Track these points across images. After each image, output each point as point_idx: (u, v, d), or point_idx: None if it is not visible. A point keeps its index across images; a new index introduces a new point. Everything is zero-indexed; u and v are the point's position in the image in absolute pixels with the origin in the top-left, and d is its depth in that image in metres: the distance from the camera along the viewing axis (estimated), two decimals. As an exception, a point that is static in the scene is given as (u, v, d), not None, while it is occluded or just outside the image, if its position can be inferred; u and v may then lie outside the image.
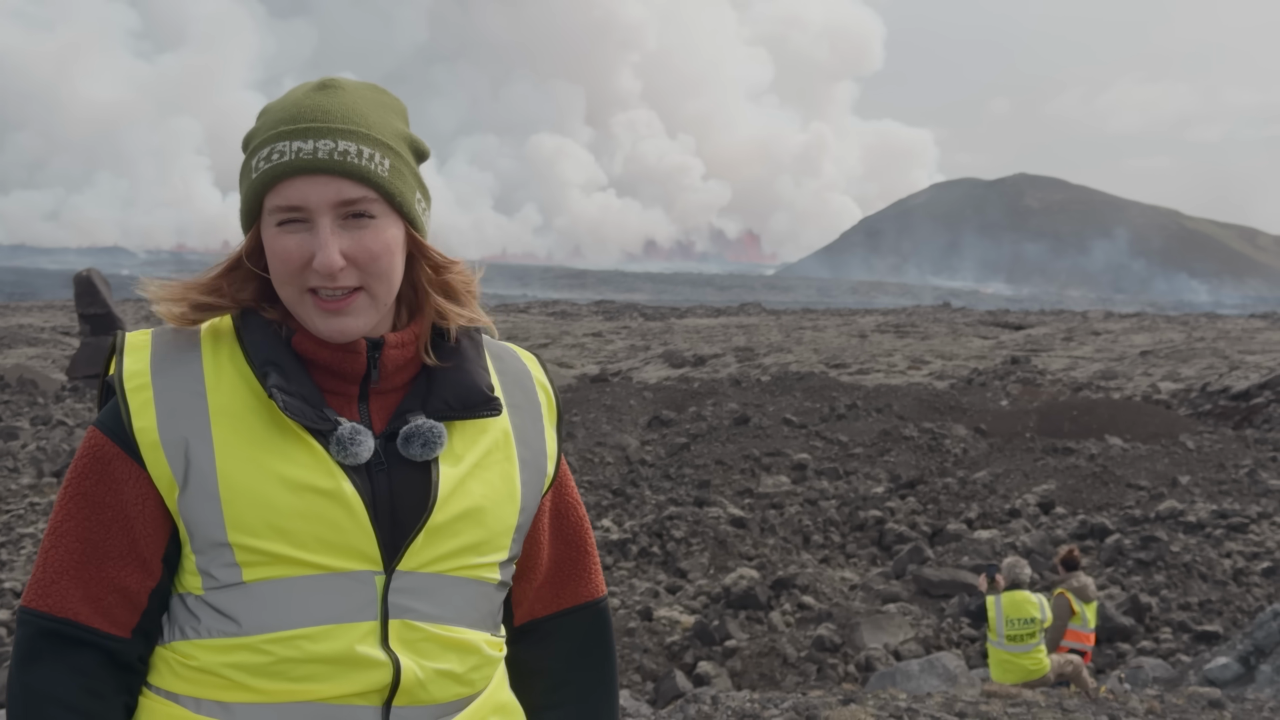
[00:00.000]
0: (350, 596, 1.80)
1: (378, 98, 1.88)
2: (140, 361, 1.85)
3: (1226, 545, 16.36)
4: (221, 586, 1.80)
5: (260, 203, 1.82)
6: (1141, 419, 25.10)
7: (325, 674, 1.78)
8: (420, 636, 1.84)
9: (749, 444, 24.22)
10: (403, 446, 1.84)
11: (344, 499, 1.79)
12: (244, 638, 1.78)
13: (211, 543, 1.78)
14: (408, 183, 1.86)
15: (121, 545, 1.80)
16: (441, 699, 1.87)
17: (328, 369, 1.86)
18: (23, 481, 21.68)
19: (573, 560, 2.13)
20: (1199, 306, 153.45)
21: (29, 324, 57.84)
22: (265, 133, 1.82)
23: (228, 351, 1.87)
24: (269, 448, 1.79)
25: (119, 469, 1.80)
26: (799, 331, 55.36)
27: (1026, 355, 43.00)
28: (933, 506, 19.67)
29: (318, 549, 1.78)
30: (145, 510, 1.80)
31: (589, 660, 2.15)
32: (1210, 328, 52.72)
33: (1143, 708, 7.75)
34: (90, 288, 34.98)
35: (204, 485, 1.77)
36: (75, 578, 1.80)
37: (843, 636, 13.62)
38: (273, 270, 1.83)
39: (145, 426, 1.79)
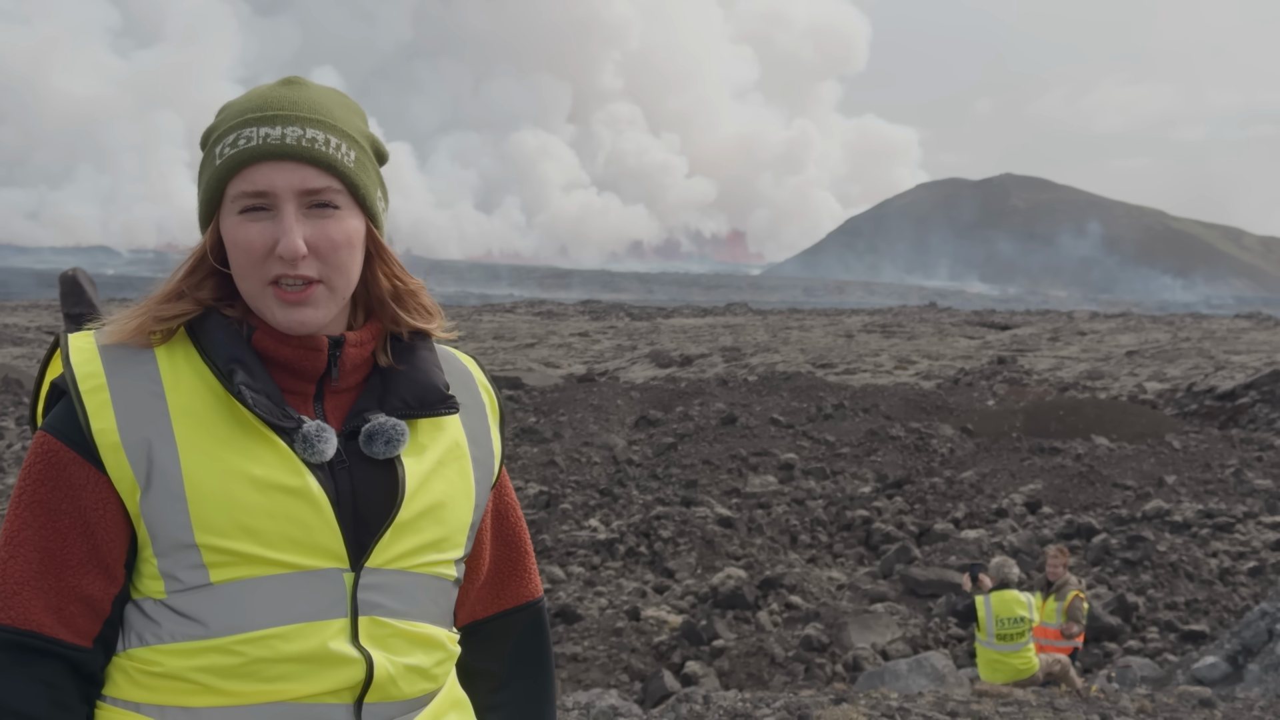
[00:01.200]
0: (320, 594, 1.78)
1: (340, 98, 1.89)
2: (92, 364, 1.80)
3: (1213, 545, 16.41)
4: (187, 589, 1.76)
5: (222, 192, 1.80)
6: (1128, 419, 25.17)
7: (298, 673, 1.77)
8: (389, 632, 1.84)
9: (736, 444, 24.23)
10: (365, 444, 1.83)
11: (311, 497, 1.78)
12: (212, 639, 1.75)
13: (177, 544, 1.75)
14: (371, 178, 1.86)
15: (81, 552, 1.76)
16: (410, 694, 1.87)
17: (287, 367, 1.84)
18: (8, 481, 21.59)
19: (512, 561, 2.14)
20: (1185, 306, 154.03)
21: (13, 324, 57.64)
22: (230, 122, 1.81)
23: (183, 352, 1.84)
24: (233, 446, 1.77)
25: (75, 473, 1.76)
26: (785, 331, 55.42)
27: (1013, 355, 43.10)
28: (920, 506, 19.69)
29: (286, 547, 1.77)
30: (106, 515, 1.77)
31: (530, 661, 2.17)
32: (1196, 328, 52.91)
33: (1134, 707, 7.76)
34: (76, 287, 34.70)
35: (168, 486, 1.74)
36: (36, 588, 1.75)
37: (830, 636, 13.63)
38: (234, 261, 1.81)
39: (104, 428, 1.75)
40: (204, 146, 1.86)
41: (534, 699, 2.16)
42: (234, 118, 1.81)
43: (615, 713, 8.11)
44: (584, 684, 12.77)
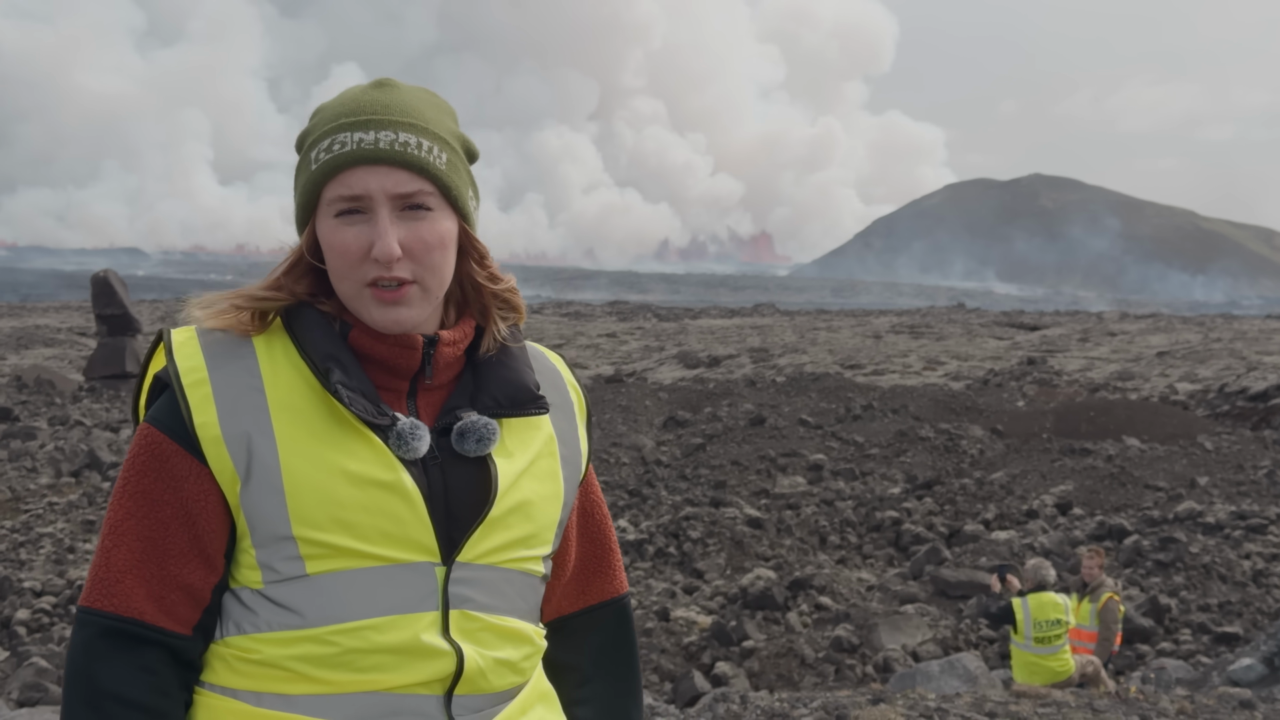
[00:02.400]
0: (413, 588, 1.82)
1: (431, 99, 1.92)
2: (194, 357, 1.84)
3: (1246, 546, 16.29)
4: (284, 580, 1.81)
5: (319, 195, 1.83)
6: (1159, 420, 25.01)
7: (391, 664, 1.80)
8: (479, 626, 1.87)
9: (765, 444, 24.19)
10: (457, 442, 1.87)
11: (404, 492, 1.82)
12: (309, 630, 1.79)
13: (274, 536, 1.80)
14: (462, 178, 1.89)
15: (183, 542, 1.81)
16: (499, 687, 1.91)
17: (382, 364, 1.88)
18: (41, 481, 21.75)
19: (598, 557, 2.18)
20: (1217, 308, 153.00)
21: (46, 324, 58.06)
22: (324, 126, 1.84)
23: (280, 347, 1.88)
24: (329, 442, 1.81)
25: (178, 465, 1.81)
26: (813, 332, 55.31)
27: (1043, 356, 42.90)
28: (950, 507, 19.62)
29: (380, 541, 1.80)
30: (207, 506, 1.81)
31: (615, 656, 2.20)
32: (1227, 328, 52.55)
33: (1174, 708, 7.71)
34: (107, 288, 35.07)
35: (267, 479, 1.79)
36: (139, 576, 1.80)
37: (860, 637, 13.59)
38: (330, 263, 1.85)
39: (206, 422, 1.79)
40: (299, 150, 1.89)
41: (620, 693, 2.20)
42: (328, 122, 1.84)
43: (652, 712, 8.12)
44: (614, 684, 12.76)
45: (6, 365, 42.39)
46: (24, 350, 47.73)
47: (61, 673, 12.36)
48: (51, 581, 15.56)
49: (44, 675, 12.07)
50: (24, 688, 11.75)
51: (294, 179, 1.90)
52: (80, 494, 20.49)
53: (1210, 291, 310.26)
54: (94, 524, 18.63)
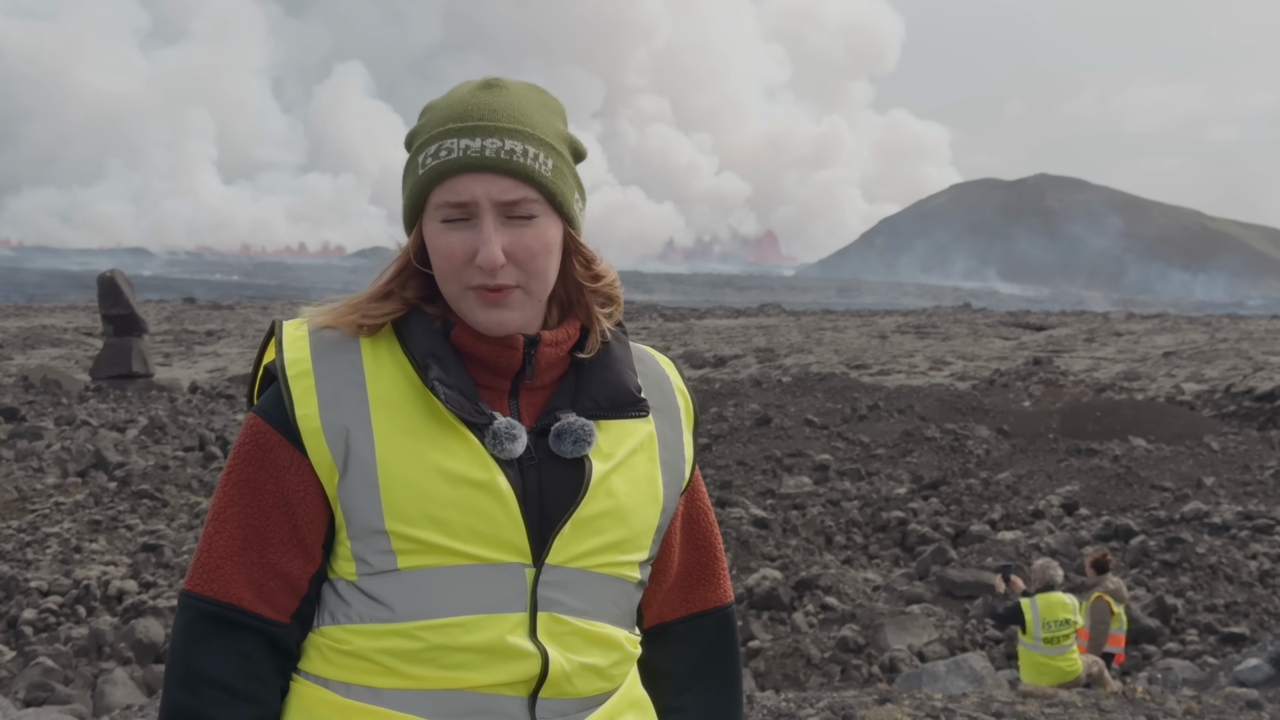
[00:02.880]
0: (501, 587, 1.83)
1: (539, 98, 1.92)
2: (301, 350, 1.88)
3: (1252, 547, 16.26)
4: (376, 573, 1.83)
5: (425, 199, 1.85)
6: (1165, 420, 24.99)
7: (476, 662, 1.81)
8: (567, 630, 1.87)
9: (770, 445, 24.20)
10: (554, 443, 1.87)
11: (498, 491, 1.82)
12: (397, 624, 1.81)
13: (368, 529, 1.82)
14: (568, 183, 1.89)
15: (283, 531, 1.84)
16: (585, 692, 1.90)
17: (484, 363, 1.89)
18: (47, 481, 21.78)
19: (702, 565, 2.15)
20: (1222, 307, 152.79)
21: (52, 325, 58.18)
22: (431, 130, 1.86)
23: (386, 344, 1.90)
24: (426, 439, 1.83)
25: (280, 455, 1.84)
26: (819, 332, 55.32)
27: (1048, 356, 42.88)
28: (955, 507, 19.60)
29: (471, 540, 1.82)
30: (307, 496, 1.84)
31: (717, 664, 2.17)
32: (1233, 328, 52.51)
33: (1180, 708, 7.70)
34: (113, 289, 35.13)
35: (363, 473, 1.81)
36: (239, 563, 1.84)
37: (866, 638, 13.58)
38: (436, 267, 1.86)
39: (307, 413, 1.83)
40: (408, 149, 1.91)
41: (719, 703, 2.16)
42: (436, 125, 1.85)
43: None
44: (620, 684, 12.76)
45: (13, 365, 42.48)
46: (30, 350, 47.82)
47: (67, 673, 12.39)
48: (58, 581, 15.57)
49: (50, 675, 12.08)
50: (30, 687, 11.76)
51: (402, 179, 1.91)
52: (86, 494, 20.52)
53: (1216, 291, 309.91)
54: (100, 524, 18.65)
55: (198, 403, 32.52)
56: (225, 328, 60.34)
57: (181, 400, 32.81)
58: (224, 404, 32.38)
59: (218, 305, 78.04)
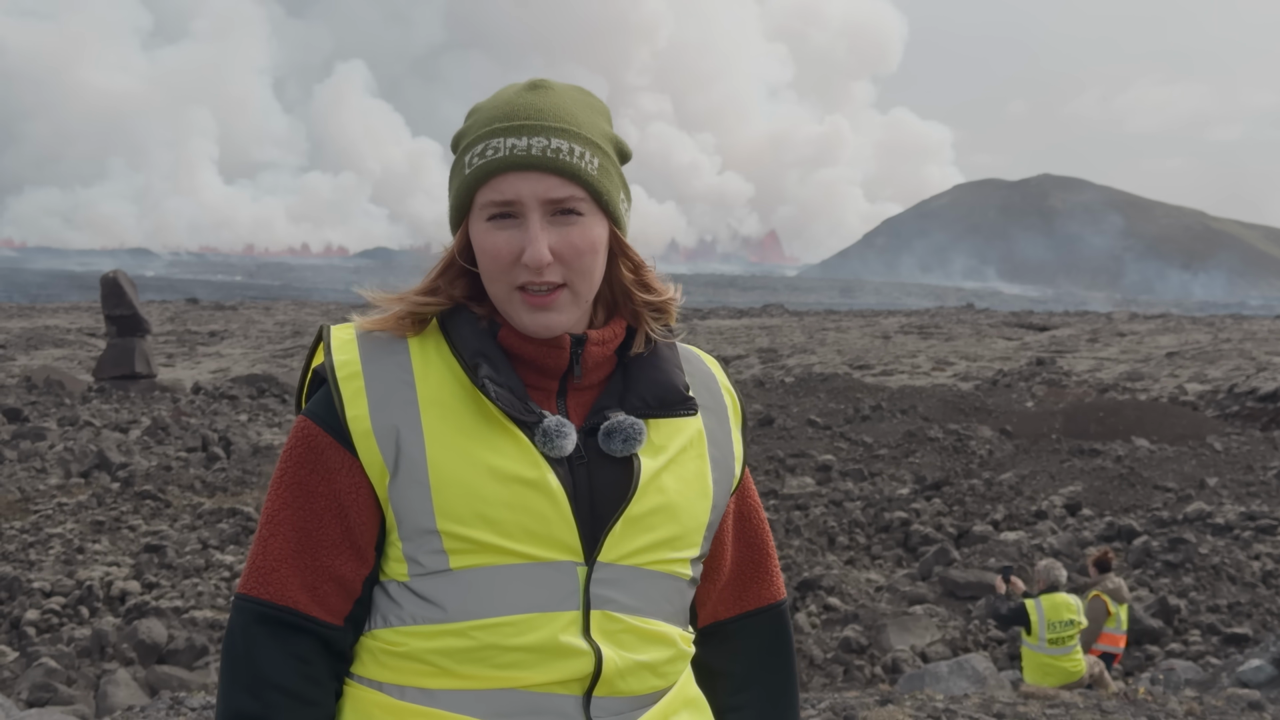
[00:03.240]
0: (554, 586, 1.83)
1: (585, 99, 1.93)
2: (349, 352, 1.89)
3: (1255, 547, 16.25)
4: (428, 573, 1.83)
5: (472, 198, 1.86)
6: (1168, 420, 24.98)
7: (530, 661, 1.82)
8: (620, 628, 1.87)
9: (773, 445, 24.20)
10: (603, 441, 1.88)
11: (548, 490, 1.83)
12: (450, 624, 1.82)
13: (420, 530, 1.82)
14: (614, 182, 1.90)
15: (336, 533, 1.85)
16: (639, 691, 1.90)
17: (531, 363, 1.90)
18: (50, 482, 21.80)
19: (755, 563, 2.16)
20: (1225, 308, 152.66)
21: (55, 325, 58.21)
22: (478, 130, 1.86)
23: (434, 344, 1.92)
24: (476, 438, 1.83)
25: (332, 457, 1.85)
26: (822, 333, 55.31)
27: (1051, 356, 42.86)
28: (958, 508, 19.59)
29: (523, 539, 1.82)
30: (359, 498, 1.85)
31: (772, 662, 2.17)
32: (1236, 329, 52.46)
33: (1182, 709, 7.69)
34: (116, 289, 35.15)
35: (414, 473, 1.82)
36: (294, 566, 1.85)
37: (869, 638, 13.58)
38: (482, 266, 1.87)
39: (357, 415, 1.83)
40: (455, 150, 1.92)
41: (775, 701, 2.16)
42: (482, 125, 1.86)
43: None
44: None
45: (16, 366, 42.52)
46: (33, 351, 47.86)
47: (70, 674, 12.39)
48: (61, 582, 15.58)
49: (53, 675, 12.08)
50: (33, 688, 11.77)
51: (448, 180, 1.92)
52: (89, 494, 20.53)
53: (1220, 292, 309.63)
54: (103, 524, 18.66)
55: (201, 403, 32.54)
56: (228, 328, 60.37)
57: (184, 401, 32.83)
58: (227, 405, 32.39)
59: (221, 306, 78.06)
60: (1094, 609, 11.06)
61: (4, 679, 12.52)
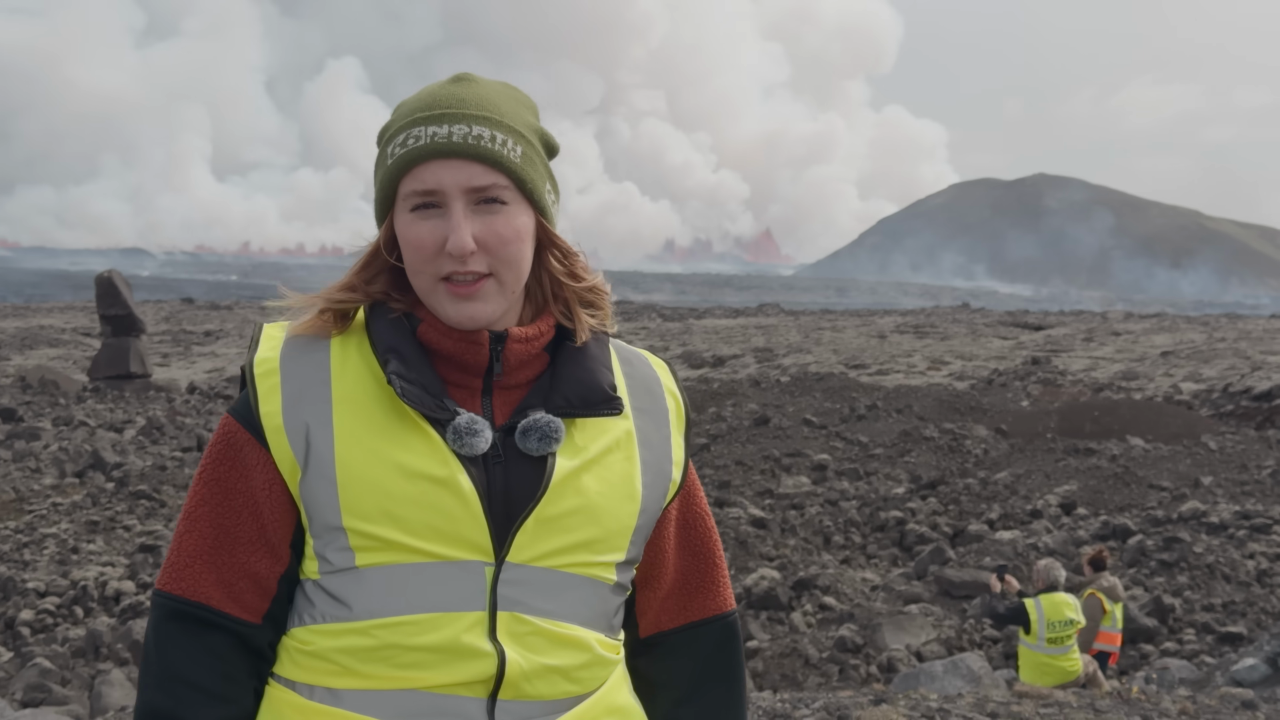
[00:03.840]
0: (459, 585, 1.80)
1: (510, 92, 1.92)
2: (271, 350, 1.89)
3: (1250, 546, 16.27)
4: (336, 571, 1.82)
5: (395, 189, 1.84)
6: (1163, 419, 24.99)
7: (431, 662, 1.78)
8: (528, 630, 1.83)
9: (769, 444, 24.20)
10: (520, 440, 1.84)
11: (458, 488, 1.80)
12: (354, 622, 1.80)
13: (327, 526, 1.81)
14: (539, 171, 1.88)
15: (251, 531, 1.84)
16: (548, 695, 1.85)
17: (451, 360, 1.87)
18: (45, 482, 21.77)
19: (701, 572, 2.09)
20: (1221, 307, 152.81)
21: (50, 325, 58.13)
22: (401, 121, 1.85)
23: (355, 342, 1.90)
24: (387, 435, 1.81)
25: (249, 454, 1.84)
26: (818, 332, 55.30)
27: (1047, 356, 42.88)
28: (954, 507, 19.61)
29: (430, 537, 1.79)
30: (273, 495, 1.84)
31: (718, 676, 2.10)
32: (1231, 328, 52.50)
33: (1175, 709, 7.70)
34: (111, 289, 35.11)
35: (322, 469, 1.80)
36: (208, 562, 1.83)
37: (864, 637, 13.59)
38: (406, 258, 1.85)
39: (270, 411, 1.83)
40: (379, 145, 1.90)
41: (722, 715, 2.09)
42: (404, 117, 1.85)
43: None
44: (618, 684, 12.77)
45: (11, 366, 42.46)
46: (28, 350, 47.79)
47: (64, 674, 12.38)
48: (55, 582, 15.57)
49: (47, 676, 12.07)
50: (27, 688, 11.76)
51: (373, 174, 1.90)
52: (84, 494, 20.51)
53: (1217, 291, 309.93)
54: (97, 524, 18.65)
55: (195, 403, 32.51)
56: (223, 328, 60.30)
57: (179, 401, 32.81)
58: (222, 404, 32.36)
59: (216, 306, 78.00)
60: (1090, 608, 11.07)
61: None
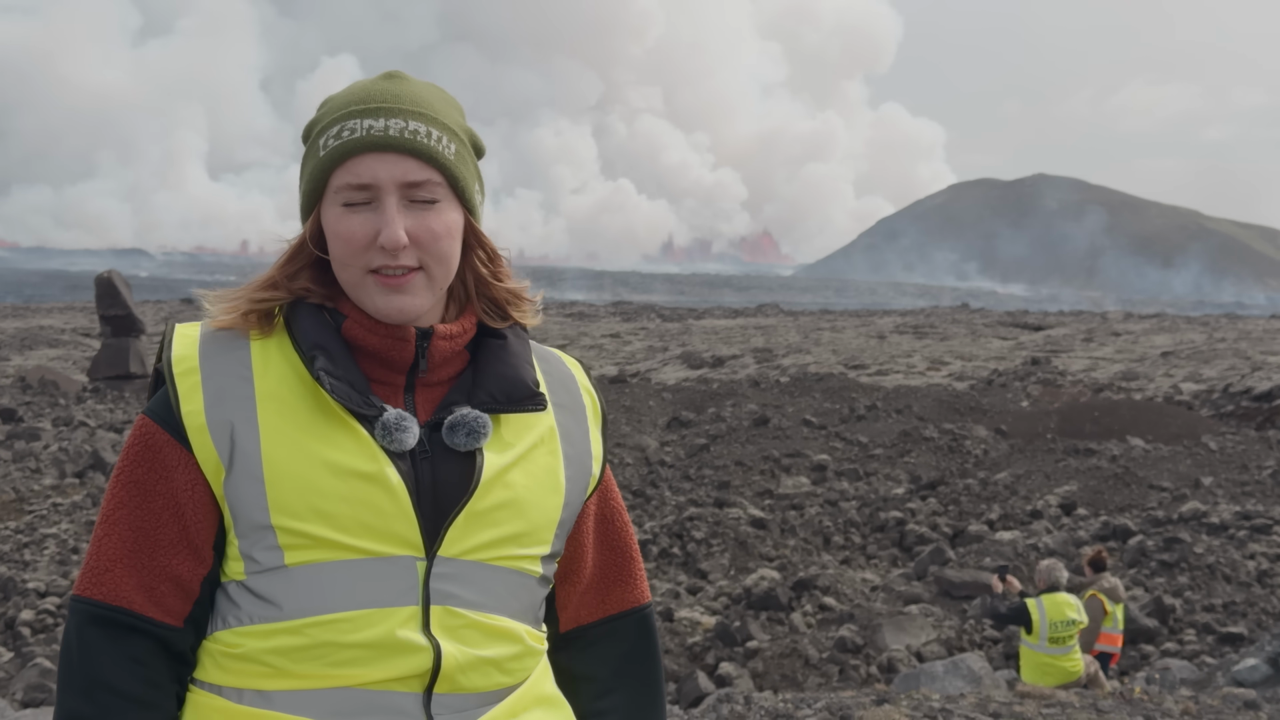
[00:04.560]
0: (391, 581, 1.80)
1: (440, 92, 1.92)
2: (188, 348, 1.85)
3: (1250, 547, 16.27)
4: (263, 570, 1.79)
5: (325, 182, 1.83)
6: (1163, 420, 24.99)
7: (366, 658, 1.78)
8: (462, 623, 1.83)
9: (768, 445, 24.20)
10: (447, 435, 1.85)
11: (386, 484, 1.79)
12: (285, 622, 1.78)
13: (254, 525, 1.78)
14: (470, 170, 1.89)
15: (173, 533, 1.80)
16: (482, 687, 1.86)
17: (375, 356, 1.86)
18: (45, 482, 21.77)
19: (618, 566, 2.12)
20: (1221, 307, 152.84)
21: (50, 325, 58.10)
22: (334, 114, 1.84)
23: (276, 339, 1.88)
24: (313, 432, 1.80)
25: (169, 455, 1.80)
26: (817, 332, 55.30)
27: (1047, 356, 42.86)
28: (954, 508, 19.61)
29: (359, 533, 1.78)
30: (195, 496, 1.80)
31: (636, 667, 2.13)
32: (1231, 328, 52.51)
33: (1178, 709, 7.70)
34: (111, 289, 35.10)
35: (248, 468, 1.78)
36: (129, 566, 1.80)
37: (864, 638, 13.58)
38: (334, 251, 1.84)
39: (192, 410, 1.80)
40: (306, 139, 1.89)
41: (641, 707, 2.12)
42: (336, 110, 1.84)
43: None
44: (618, 685, 12.76)
45: (10, 366, 42.44)
46: (28, 351, 47.76)
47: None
48: (55, 582, 15.56)
49: (48, 676, 12.07)
50: (28, 688, 11.76)
51: (300, 168, 1.89)
52: (84, 495, 20.50)
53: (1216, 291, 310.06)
54: (98, 525, 18.69)
55: (195, 403, 32.49)
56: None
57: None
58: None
59: (216, 306, 77.98)
60: (1091, 608, 11.07)
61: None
